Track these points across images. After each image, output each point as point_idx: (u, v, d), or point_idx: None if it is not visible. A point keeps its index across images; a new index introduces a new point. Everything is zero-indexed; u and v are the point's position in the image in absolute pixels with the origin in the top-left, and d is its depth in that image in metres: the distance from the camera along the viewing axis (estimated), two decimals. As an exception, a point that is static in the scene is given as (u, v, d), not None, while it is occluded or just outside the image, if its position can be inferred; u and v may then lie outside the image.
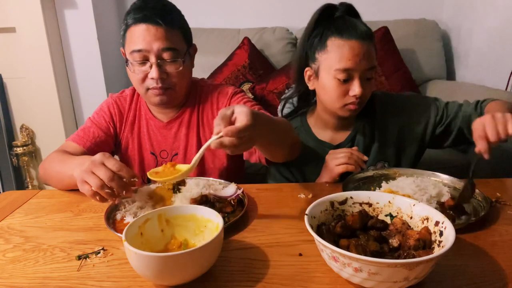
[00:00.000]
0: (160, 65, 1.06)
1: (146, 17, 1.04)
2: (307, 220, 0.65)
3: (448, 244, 0.58)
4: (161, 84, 1.08)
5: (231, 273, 0.66)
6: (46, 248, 0.76)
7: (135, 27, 1.05)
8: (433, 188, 0.88)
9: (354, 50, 1.01)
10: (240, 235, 0.79)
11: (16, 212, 0.93)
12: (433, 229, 0.67)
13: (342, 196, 0.75)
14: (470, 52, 2.27)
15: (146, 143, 1.21)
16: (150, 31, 1.04)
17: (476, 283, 0.62)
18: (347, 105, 1.06)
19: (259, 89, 2.14)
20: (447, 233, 0.63)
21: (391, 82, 2.16)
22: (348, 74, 1.02)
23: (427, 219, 0.69)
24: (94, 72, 2.32)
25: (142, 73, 1.08)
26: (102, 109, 1.22)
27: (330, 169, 1.02)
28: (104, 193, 0.80)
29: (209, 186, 0.94)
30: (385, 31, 2.20)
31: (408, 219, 0.73)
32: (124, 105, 1.23)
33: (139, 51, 1.05)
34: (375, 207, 0.76)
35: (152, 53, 1.05)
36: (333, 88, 1.05)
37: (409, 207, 0.73)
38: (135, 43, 1.05)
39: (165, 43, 1.05)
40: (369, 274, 0.56)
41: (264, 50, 2.33)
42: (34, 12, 2.08)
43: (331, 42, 1.03)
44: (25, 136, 2.30)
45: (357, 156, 1.01)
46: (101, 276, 0.67)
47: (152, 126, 1.21)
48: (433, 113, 1.14)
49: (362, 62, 1.02)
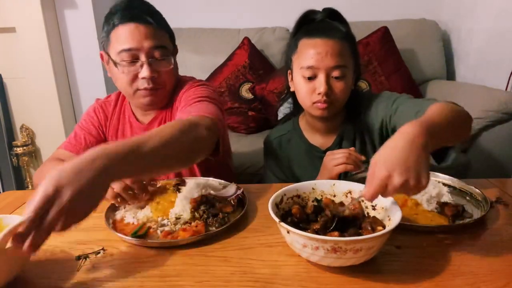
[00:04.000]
0: (150, 64, 1.05)
1: (134, 16, 1.03)
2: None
3: (384, 201, 0.70)
4: (152, 85, 1.06)
5: (231, 273, 0.66)
6: (46, 248, 0.76)
7: (123, 27, 1.03)
8: (433, 188, 0.88)
9: (318, 48, 1.03)
10: (240, 235, 0.79)
11: (16, 212, 0.93)
12: (360, 198, 0.74)
13: (278, 196, 0.76)
14: (470, 52, 2.27)
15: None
16: (140, 30, 1.03)
17: (476, 283, 0.62)
18: (315, 103, 1.07)
19: (259, 89, 2.13)
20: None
21: (391, 82, 2.16)
22: (313, 72, 1.04)
23: (350, 192, 0.79)
24: (94, 72, 2.32)
25: (131, 74, 1.06)
26: (89, 114, 1.21)
27: (329, 170, 1.02)
28: (126, 194, 0.84)
29: (209, 186, 0.94)
30: (385, 31, 2.20)
31: (332, 197, 0.80)
32: (108, 109, 1.22)
33: (128, 50, 1.03)
34: (303, 196, 0.81)
35: (143, 52, 1.03)
36: (301, 86, 1.08)
37: (330, 188, 0.81)
38: (124, 42, 1.03)
39: (156, 41, 1.04)
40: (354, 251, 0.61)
41: (264, 50, 2.33)
42: (34, 12, 2.08)
43: (301, 43, 1.07)
44: (25, 136, 2.30)
45: (355, 156, 1.01)
46: (101, 276, 0.67)
47: (135, 128, 1.19)
48: (384, 112, 1.08)
49: (326, 59, 1.02)
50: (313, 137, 1.19)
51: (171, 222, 0.83)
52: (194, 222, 0.81)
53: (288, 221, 0.72)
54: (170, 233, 0.79)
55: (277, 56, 2.34)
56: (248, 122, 2.13)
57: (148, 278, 0.66)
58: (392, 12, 2.44)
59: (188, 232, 0.77)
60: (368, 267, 0.66)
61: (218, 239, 0.77)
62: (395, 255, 0.70)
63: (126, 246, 0.76)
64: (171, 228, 0.80)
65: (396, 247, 0.72)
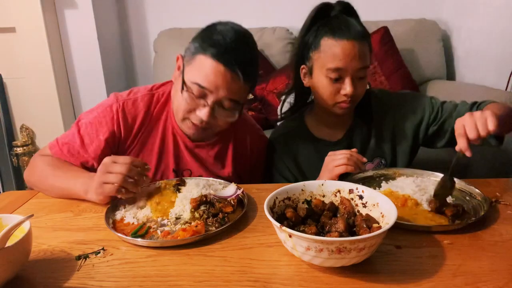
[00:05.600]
0: (213, 110, 0.98)
1: (229, 62, 0.94)
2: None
3: (375, 199, 0.72)
4: (205, 125, 1.01)
5: (231, 273, 0.66)
6: (46, 248, 0.76)
7: (212, 62, 0.94)
8: (433, 188, 0.88)
9: (346, 50, 1.02)
10: (240, 235, 0.79)
11: (16, 212, 0.93)
12: (349, 196, 0.78)
13: (271, 200, 0.75)
14: (470, 52, 2.27)
15: (170, 159, 1.10)
16: (226, 77, 0.94)
17: (476, 283, 0.62)
18: (339, 103, 1.08)
19: (259, 89, 2.13)
20: (368, 193, 0.75)
21: (391, 82, 2.16)
22: (339, 74, 1.04)
23: (339, 191, 0.80)
24: (94, 72, 2.32)
25: (191, 105, 0.99)
26: (99, 119, 1.05)
27: (330, 170, 1.02)
28: (129, 183, 0.85)
29: (209, 186, 0.94)
30: (385, 31, 2.20)
31: (321, 197, 0.80)
32: (133, 114, 1.06)
33: (202, 87, 0.95)
34: (293, 198, 0.80)
35: (214, 96, 0.96)
36: (325, 86, 1.07)
37: (319, 188, 0.81)
38: (204, 78, 0.95)
39: (233, 94, 0.97)
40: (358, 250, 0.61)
41: (264, 50, 2.33)
42: (34, 12, 2.08)
43: (324, 41, 1.05)
44: (25, 136, 2.30)
45: (356, 157, 1.01)
46: (101, 276, 0.67)
47: (181, 144, 1.11)
48: (428, 111, 1.14)
49: (354, 62, 1.02)
50: (320, 132, 1.20)
51: (171, 222, 0.83)
52: (194, 222, 0.81)
53: (284, 225, 0.72)
54: (170, 233, 0.79)
55: (277, 56, 2.34)
56: (248, 122, 2.13)
57: (148, 278, 0.66)
58: (392, 12, 2.44)
59: (188, 232, 0.77)
60: (368, 267, 0.66)
61: (218, 239, 0.77)
62: (395, 255, 0.70)
63: (126, 246, 0.76)
64: (171, 228, 0.80)
65: (396, 247, 0.72)
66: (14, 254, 0.63)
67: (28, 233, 0.65)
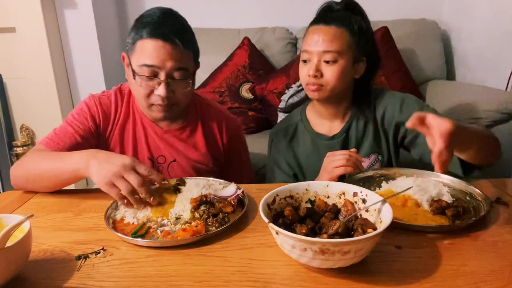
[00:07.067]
0: (168, 84, 1.04)
1: (164, 35, 1.01)
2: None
3: (375, 204, 0.71)
4: (167, 102, 1.07)
5: (231, 273, 0.66)
6: (46, 248, 0.76)
7: (150, 41, 1.02)
8: (433, 188, 0.88)
9: (315, 33, 1.09)
10: (240, 235, 0.79)
11: (16, 212, 0.93)
12: (353, 199, 0.77)
13: (270, 196, 0.76)
14: (470, 52, 2.27)
15: (143, 148, 1.18)
16: (166, 49, 1.01)
17: (476, 283, 0.62)
18: (308, 85, 1.12)
19: (259, 89, 2.13)
20: (371, 197, 0.74)
21: (391, 82, 2.16)
22: (307, 55, 1.11)
23: (343, 193, 0.79)
24: (94, 72, 2.32)
25: (148, 88, 1.06)
26: (82, 110, 1.14)
27: (329, 172, 1.02)
28: (133, 198, 0.84)
29: (209, 186, 0.94)
30: (385, 31, 2.20)
31: (325, 198, 0.80)
32: (109, 106, 1.17)
33: (150, 66, 1.02)
34: (296, 197, 0.80)
35: (164, 71, 1.03)
36: (300, 68, 1.14)
37: (324, 189, 0.81)
38: (147, 57, 1.02)
39: (178, 63, 1.04)
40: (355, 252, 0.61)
41: (264, 50, 2.33)
42: (34, 12, 2.08)
43: (308, 30, 1.14)
44: (25, 136, 2.30)
45: (356, 158, 1.01)
46: (101, 276, 0.67)
47: (151, 132, 1.18)
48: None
49: (318, 44, 1.08)
50: (319, 126, 1.22)
51: (171, 222, 0.83)
52: (194, 222, 0.81)
53: (280, 222, 0.72)
54: (170, 233, 0.79)
55: (277, 56, 2.34)
56: (248, 122, 2.13)
57: (148, 278, 0.66)
58: (392, 12, 2.44)
59: (188, 232, 0.77)
60: (368, 267, 0.66)
61: (218, 239, 0.77)
62: (395, 255, 0.70)
63: (126, 246, 0.76)
64: (171, 228, 0.80)
65: (396, 247, 0.72)
66: (14, 254, 0.63)
67: (28, 233, 0.65)
